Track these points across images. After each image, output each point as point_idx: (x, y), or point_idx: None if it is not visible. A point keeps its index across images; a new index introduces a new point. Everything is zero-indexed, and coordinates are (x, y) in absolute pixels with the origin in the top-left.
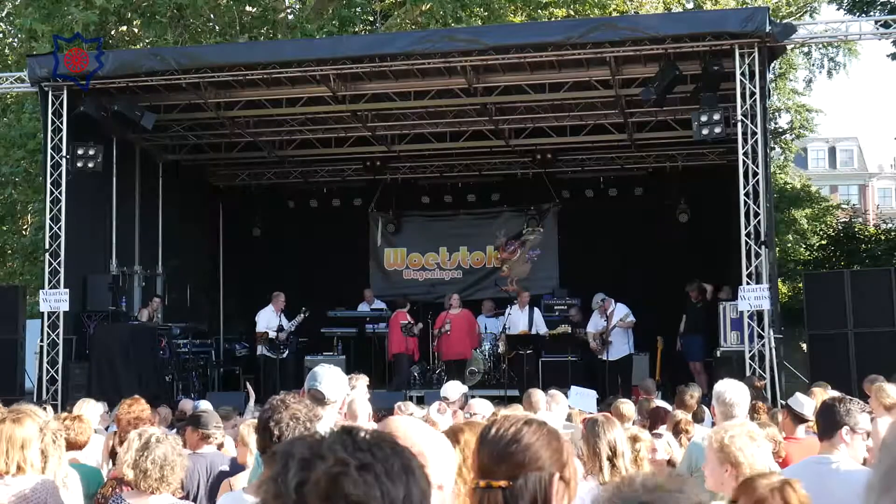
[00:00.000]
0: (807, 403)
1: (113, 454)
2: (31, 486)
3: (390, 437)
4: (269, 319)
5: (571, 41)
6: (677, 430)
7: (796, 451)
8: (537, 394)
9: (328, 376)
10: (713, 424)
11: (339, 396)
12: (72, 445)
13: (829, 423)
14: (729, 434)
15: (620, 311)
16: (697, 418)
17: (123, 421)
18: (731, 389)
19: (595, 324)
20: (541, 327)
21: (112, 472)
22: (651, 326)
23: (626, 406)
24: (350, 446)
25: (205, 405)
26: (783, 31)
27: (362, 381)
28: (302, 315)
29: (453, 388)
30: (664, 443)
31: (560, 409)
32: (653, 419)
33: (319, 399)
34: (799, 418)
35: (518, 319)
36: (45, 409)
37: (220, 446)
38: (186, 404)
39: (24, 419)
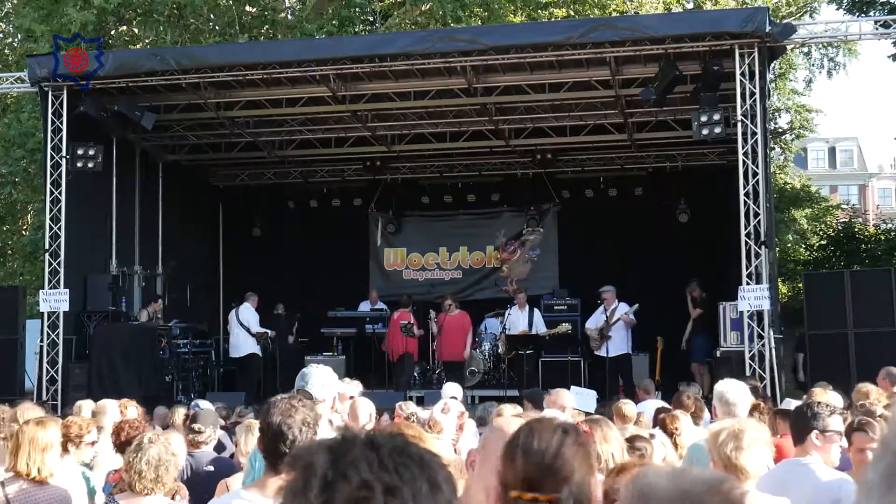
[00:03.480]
0: None
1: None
2: (48, 491)
3: (415, 448)
4: (257, 318)
5: (571, 41)
6: (665, 430)
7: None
8: (564, 393)
9: (317, 376)
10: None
11: (329, 395)
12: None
13: (800, 429)
14: (716, 432)
15: (623, 308)
16: (696, 419)
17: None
18: (733, 389)
19: (596, 319)
20: (540, 327)
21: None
22: (651, 326)
23: (628, 407)
24: (375, 465)
25: (204, 404)
26: (783, 31)
27: (354, 385)
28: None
29: (455, 389)
30: (658, 443)
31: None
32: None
33: (308, 399)
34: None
35: (518, 320)
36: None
37: (217, 446)
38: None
39: (47, 423)
